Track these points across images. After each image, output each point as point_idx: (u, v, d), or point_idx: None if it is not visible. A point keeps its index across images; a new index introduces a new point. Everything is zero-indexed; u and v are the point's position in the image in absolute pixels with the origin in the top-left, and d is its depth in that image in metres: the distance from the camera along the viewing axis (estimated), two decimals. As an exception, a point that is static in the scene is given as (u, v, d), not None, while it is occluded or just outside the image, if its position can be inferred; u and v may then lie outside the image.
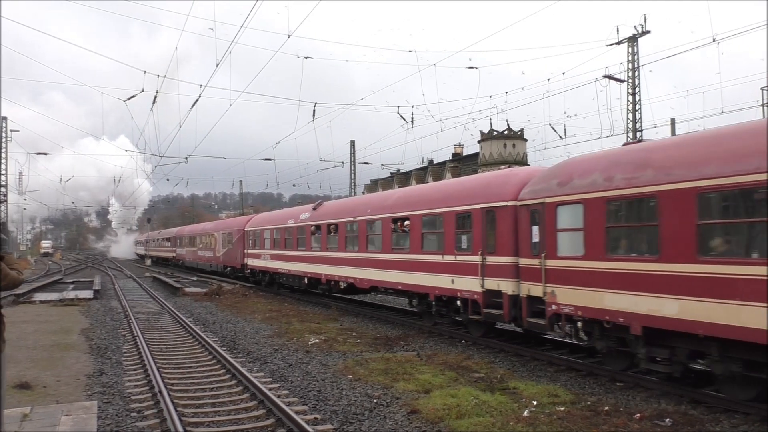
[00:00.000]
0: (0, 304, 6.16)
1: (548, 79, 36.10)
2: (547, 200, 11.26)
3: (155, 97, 24.48)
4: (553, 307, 11.01)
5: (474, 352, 12.94)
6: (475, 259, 13.37)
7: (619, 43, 31.37)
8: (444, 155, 72.54)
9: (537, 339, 13.69)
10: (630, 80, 31.64)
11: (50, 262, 74.44)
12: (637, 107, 31.76)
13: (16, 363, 11.50)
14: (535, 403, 8.66)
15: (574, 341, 11.35)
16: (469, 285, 13.55)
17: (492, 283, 12.86)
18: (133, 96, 24.96)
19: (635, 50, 31.37)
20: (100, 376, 10.86)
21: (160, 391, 9.09)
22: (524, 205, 12.04)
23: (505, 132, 61.60)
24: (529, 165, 47.70)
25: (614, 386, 9.89)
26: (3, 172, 51.98)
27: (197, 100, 22.91)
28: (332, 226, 21.49)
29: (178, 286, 31.19)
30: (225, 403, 9.06)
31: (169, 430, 7.62)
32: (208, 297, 26.43)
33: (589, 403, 8.77)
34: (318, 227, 22.76)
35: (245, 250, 32.95)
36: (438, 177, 67.61)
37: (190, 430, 7.67)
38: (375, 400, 9.02)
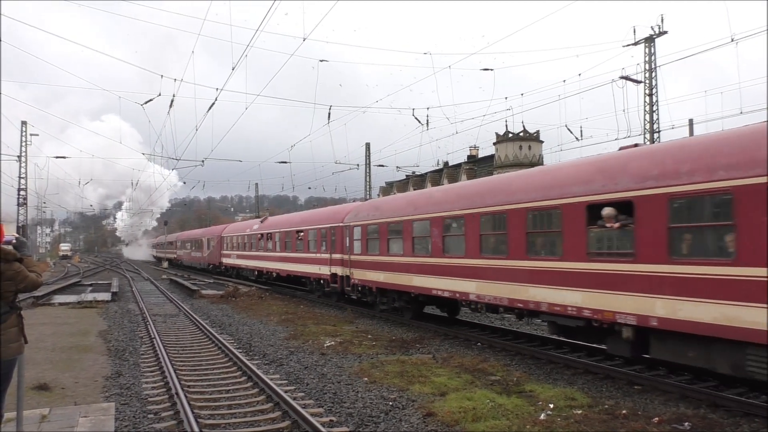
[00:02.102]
0: (20, 306, 6.26)
1: (564, 81, 35.63)
2: (351, 223, 20.48)
3: (172, 100, 24.66)
4: (353, 280, 20.31)
5: (490, 354, 12.88)
6: (327, 256, 22.79)
7: (636, 43, 31.13)
8: (459, 157, 72.07)
9: (555, 342, 13.61)
10: (647, 81, 31.38)
11: (69, 265, 75.35)
12: (654, 108, 31.48)
13: (35, 365, 11.66)
14: (551, 406, 8.59)
15: (369, 300, 19.86)
16: (325, 271, 22.97)
17: (334, 269, 22.13)
18: (150, 100, 25.17)
19: (652, 51, 31.11)
20: (118, 377, 10.95)
21: (177, 393, 9.15)
22: (345, 226, 21.13)
23: (521, 134, 61.15)
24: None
25: (632, 389, 9.78)
26: (23, 176, 52.70)
27: (213, 103, 23.01)
28: (268, 235, 31.51)
29: (195, 288, 31.39)
30: (241, 405, 9.10)
31: (186, 431, 7.66)
32: (224, 299, 26.58)
33: (606, 406, 8.67)
34: (262, 235, 32.68)
35: (222, 252, 42.68)
36: (453, 179, 67.03)
37: (206, 431, 7.72)
38: (390, 403, 9.00)
